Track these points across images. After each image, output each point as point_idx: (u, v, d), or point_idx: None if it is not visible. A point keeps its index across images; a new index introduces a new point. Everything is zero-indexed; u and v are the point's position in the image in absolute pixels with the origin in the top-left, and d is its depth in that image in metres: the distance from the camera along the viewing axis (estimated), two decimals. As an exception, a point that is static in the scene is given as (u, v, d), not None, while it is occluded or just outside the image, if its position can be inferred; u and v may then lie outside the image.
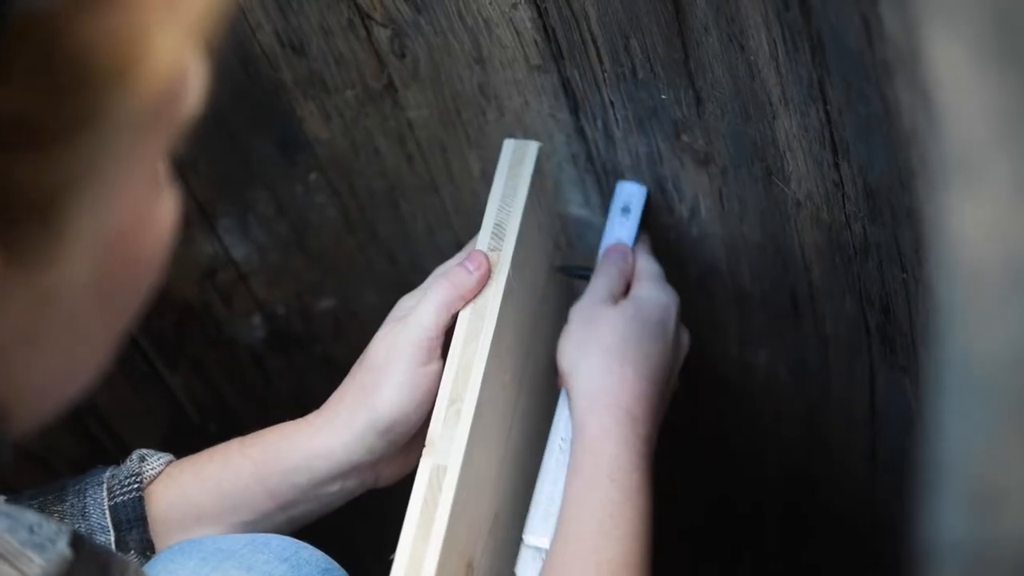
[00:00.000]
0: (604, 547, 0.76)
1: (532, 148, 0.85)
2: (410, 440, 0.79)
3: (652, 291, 0.87)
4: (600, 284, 0.87)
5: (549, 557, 0.78)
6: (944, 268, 0.25)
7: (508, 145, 0.85)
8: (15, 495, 0.78)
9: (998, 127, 0.27)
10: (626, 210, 0.93)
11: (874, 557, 1.15)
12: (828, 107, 0.74)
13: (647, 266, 0.90)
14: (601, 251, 0.91)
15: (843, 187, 0.79)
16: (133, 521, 0.78)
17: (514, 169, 0.84)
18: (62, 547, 0.50)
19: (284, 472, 0.78)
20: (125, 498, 0.78)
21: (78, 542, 0.51)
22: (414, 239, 1.07)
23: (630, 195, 0.93)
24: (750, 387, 1.08)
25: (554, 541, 0.78)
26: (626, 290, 0.88)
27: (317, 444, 0.78)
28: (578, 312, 0.85)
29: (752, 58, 0.75)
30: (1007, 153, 0.27)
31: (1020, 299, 0.25)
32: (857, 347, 0.93)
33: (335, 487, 0.80)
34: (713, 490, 1.25)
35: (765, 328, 1.00)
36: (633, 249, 0.91)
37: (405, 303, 0.82)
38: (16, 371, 0.40)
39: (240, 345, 1.15)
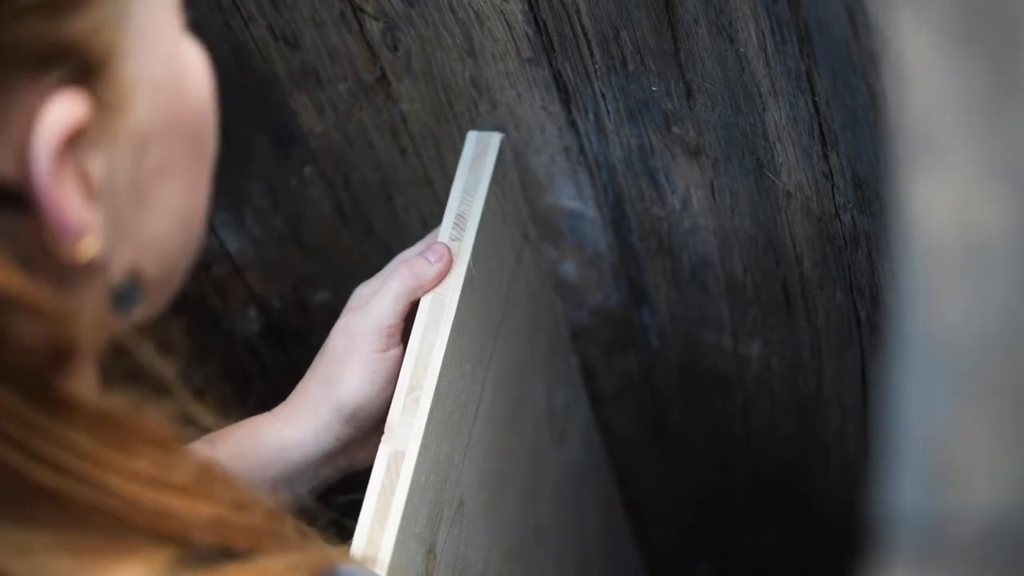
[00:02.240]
0: None
1: (495, 140, 0.85)
2: (378, 423, 0.80)
3: None
4: None
5: None
6: (906, 244, 0.26)
7: (471, 137, 0.85)
8: None
9: (962, 108, 0.28)
10: None
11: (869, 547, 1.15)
12: (816, 98, 0.74)
13: None
14: None
15: (832, 178, 0.79)
16: None
17: (476, 161, 0.84)
18: None
19: (257, 467, 0.79)
20: None
21: None
22: (408, 231, 1.08)
23: None
24: (743, 379, 1.08)
25: None
26: None
27: (287, 436, 0.79)
28: None
29: (741, 50, 0.75)
30: (970, 133, 0.27)
31: (979, 275, 0.25)
32: (848, 338, 0.93)
33: (308, 475, 0.81)
34: (707, 483, 1.26)
35: (758, 320, 1.00)
36: None
37: (362, 291, 0.83)
38: (137, 231, 0.47)
39: (236, 338, 1.16)
